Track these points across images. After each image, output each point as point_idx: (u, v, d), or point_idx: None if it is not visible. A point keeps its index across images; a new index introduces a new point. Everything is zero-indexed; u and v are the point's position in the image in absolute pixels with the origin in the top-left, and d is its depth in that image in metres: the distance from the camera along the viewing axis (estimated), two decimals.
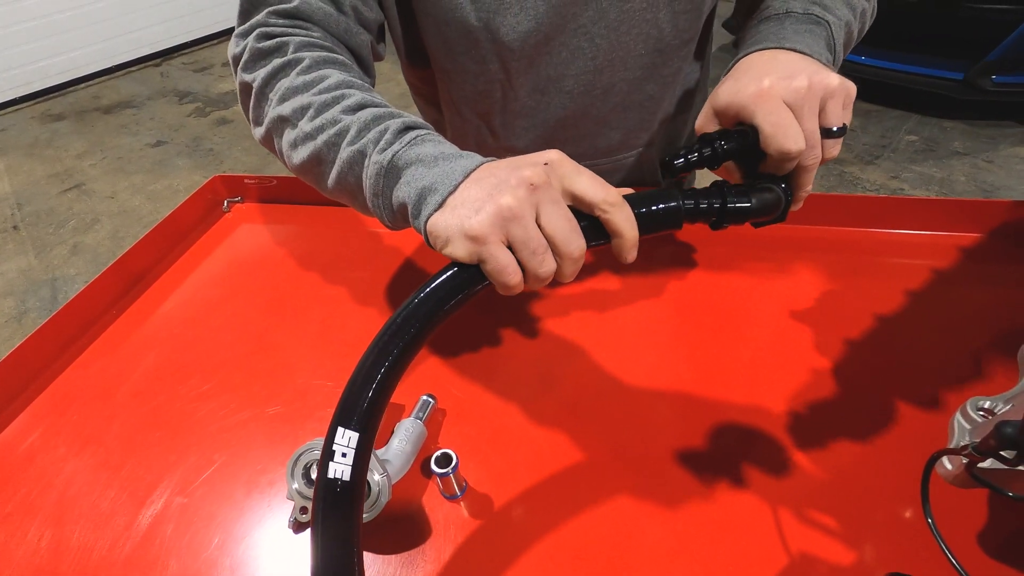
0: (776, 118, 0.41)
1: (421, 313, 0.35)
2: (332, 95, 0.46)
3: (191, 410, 0.56)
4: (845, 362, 0.52)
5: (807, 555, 0.40)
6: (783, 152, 0.41)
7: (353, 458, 0.32)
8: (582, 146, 0.70)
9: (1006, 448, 0.25)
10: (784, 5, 0.53)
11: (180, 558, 0.44)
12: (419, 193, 0.39)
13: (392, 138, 0.42)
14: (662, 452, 0.47)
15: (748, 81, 0.43)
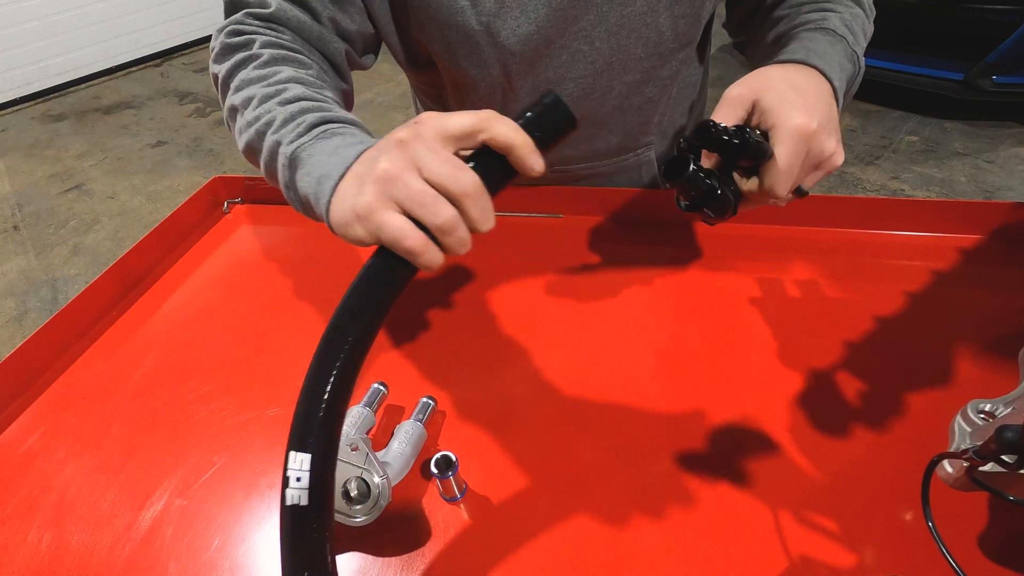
0: (794, 162, 0.42)
1: (353, 318, 0.34)
2: (276, 88, 0.48)
3: (191, 412, 0.56)
4: (845, 364, 0.52)
5: (807, 557, 0.40)
6: (771, 190, 0.43)
7: (309, 481, 0.31)
8: (581, 149, 0.70)
9: (1007, 452, 0.25)
10: (841, 24, 0.54)
11: (180, 560, 0.44)
12: (317, 182, 0.39)
13: (304, 131, 0.43)
14: (661, 453, 0.47)
15: (801, 104, 0.43)
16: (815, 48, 0.50)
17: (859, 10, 0.58)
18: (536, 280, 0.66)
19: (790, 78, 0.46)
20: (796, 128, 0.42)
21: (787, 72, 0.47)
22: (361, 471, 0.42)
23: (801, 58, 0.48)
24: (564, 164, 0.72)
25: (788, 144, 0.42)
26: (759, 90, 0.44)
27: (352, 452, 0.42)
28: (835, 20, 0.54)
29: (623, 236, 0.70)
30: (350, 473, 0.42)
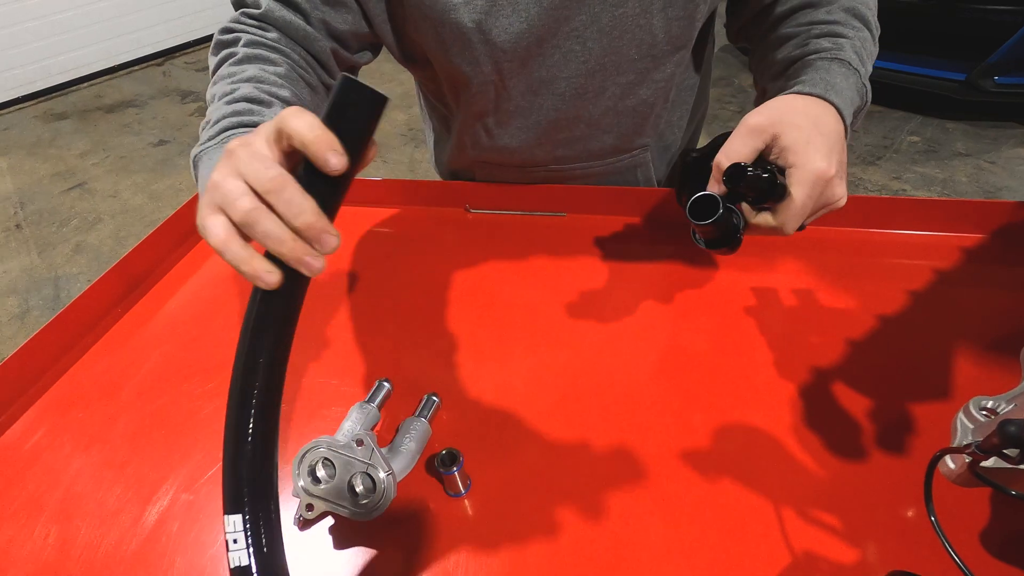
0: (809, 204, 0.43)
1: (248, 370, 0.34)
2: (232, 86, 0.51)
3: (196, 408, 0.56)
4: (846, 362, 0.53)
5: (810, 553, 0.40)
6: (782, 228, 0.44)
7: (246, 541, 0.31)
8: (576, 148, 0.70)
9: (1009, 447, 0.25)
10: (854, 55, 0.52)
11: (186, 554, 0.44)
12: (201, 189, 0.42)
13: (213, 135, 0.48)
14: (665, 450, 0.47)
15: (823, 147, 0.43)
16: (833, 82, 0.49)
17: (867, 33, 0.56)
18: (540, 278, 0.66)
19: (812, 114, 0.45)
20: (817, 173, 0.42)
21: (809, 107, 0.46)
22: (367, 466, 0.42)
23: (821, 92, 0.48)
24: (559, 164, 0.72)
25: (806, 187, 0.42)
26: (781, 124, 0.44)
27: (358, 447, 0.42)
28: (849, 50, 0.53)
29: (626, 234, 0.71)
30: (356, 468, 0.43)
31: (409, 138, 2.93)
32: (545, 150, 0.70)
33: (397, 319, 0.63)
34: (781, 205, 0.43)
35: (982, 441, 0.27)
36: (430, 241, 0.74)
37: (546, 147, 0.69)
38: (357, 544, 0.44)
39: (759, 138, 0.44)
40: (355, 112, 0.31)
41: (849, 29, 0.55)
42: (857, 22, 0.56)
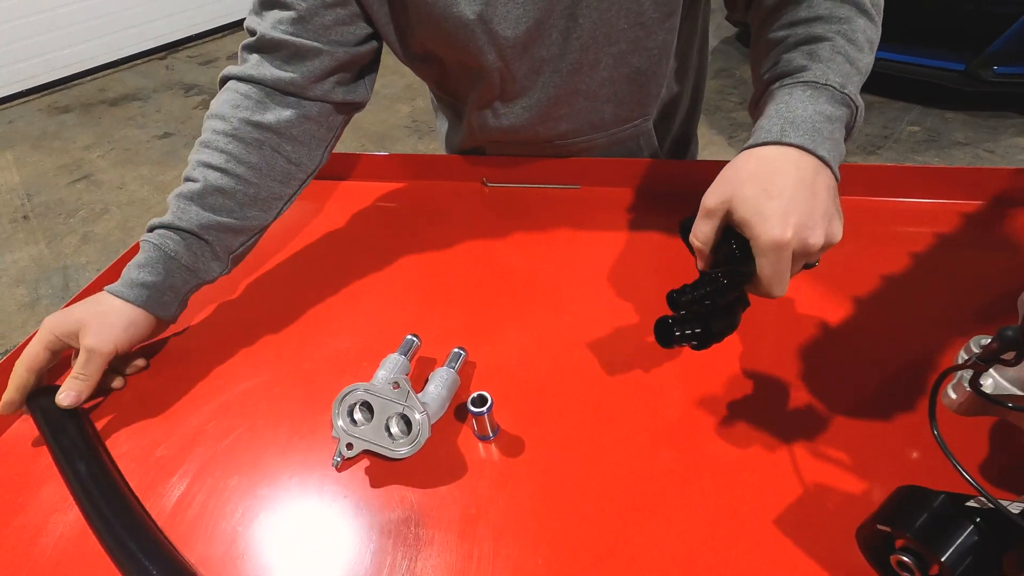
0: (778, 270, 0.41)
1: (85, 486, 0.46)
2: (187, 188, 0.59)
3: (230, 369, 0.58)
4: (853, 317, 0.55)
5: (821, 485, 0.43)
6: (766, 296, 0.42)
7: None
8: (577, 122, 0.72)
9: (1007, 350, 0.28)
10: (822, 73, 0.48)
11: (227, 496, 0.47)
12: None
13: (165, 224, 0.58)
14: (679, 393, 0.50)
15: (775, 212, 0.40)
16: (791, 115, 0.46)
17: (859, 19, 0.51)
18: (556, 247, 0.68)
19: (762, 175, 0.43)
20: (771, 242, 0.40)
21: (760, 166, 0.44)
22: (403, 407, 0.45)
23: (775, 138, 0.45)
24: (562, 139, 0.74)
25: (767, 258, 0.41)
26: (731, 200, 0.42)
27: (394, 390, 0.45)
28: (822, 62, 0.48)
29: (637, 204, 0.73)
30: (392, 410, 0.45)
31: (413, 130, 2.96)
32: (548, 126, 0.72)
33: (421, 285, 0.66)
34: (754, 280, 0.42)
35: (982, 351, 0.30)
36: (450, 213, 0.77)
37: (549, 123, 0.71)
38: (395, 483, 0.46)
39: (716, 218, 0.44)
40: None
41: (832, 24, 0.50)
42: (844, 8, 0.51)
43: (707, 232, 0.44)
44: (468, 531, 0.43)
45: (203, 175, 0.58)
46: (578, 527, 0.42)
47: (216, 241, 0.58)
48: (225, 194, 0.58)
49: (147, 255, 0.56)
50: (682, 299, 0.42)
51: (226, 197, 0.58)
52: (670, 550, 0.40)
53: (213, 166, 0.58)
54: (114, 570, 0.42)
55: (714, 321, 0.43)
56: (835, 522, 0.40)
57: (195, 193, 0.57)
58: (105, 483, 0.46)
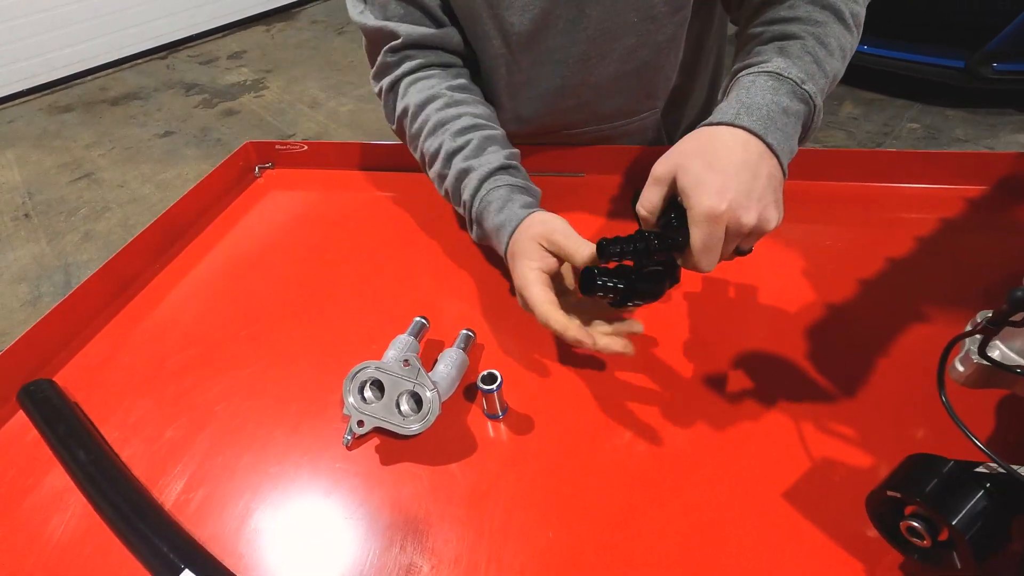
0: (710, 243, 0.42)
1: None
2: (456, 141, 0.60)
3: (239, 350, 0.59)
4: (861, 299, 0.56)
5: (828, 459, 0.43)
6: (694, 269, 0.44)
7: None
8: (584, 113, 0.72)
9: (1017, 311, 0.28)
10: (786, 66, 0.49)
11: (238, 475, 0.47)
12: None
13: (478, 184, 0.58)
14: (690, 374, 0.50)
15: (713, 184, 0.42)
16: (749, 101, 0.47)
17: (835, 25, 0.52)
18: None
19: (709, 151, 0.45)
20: (705, 212, 0.42)
21: (709, 142, 0.45)
22: (413, 384, 0.45)
23: (729, 119, 0.46)
24: (569, 129, 0.74)
25: (700, 228, 0.42)
26: (677, 168, 0.44)
27: (404, 367, 0.45)
28: (781, 59, 0.50)
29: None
30: (402, 387, 0.46)
31: None
32: (555, 117, 0.72)
33: (429, 270, 0.66)
34: (686, 251, 0.44)
35: (992, 314, 0.30)
36: None
37: (555, 114, 0.72)
38: (406, 460, 0.47)
39: (663, 186, 0.45)
40: None
41: (807, 26, 0.52)
42: (823, 14, 0.52)
43: (652, 200, 0.46)
44: (478, 506, 0.43)
45: (469, 137, 0.60)
46: (588, 501, 0.43)
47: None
48: (496, 140, 0.61)
49: (503, 192, 0.56)
50: (611, 248, 0.43)
51: (497, 142, 0.61)
52: (678, 524, 0.41)
53: (466, 128, 0.60)
54: (123, 549, 0.42)
55: (638, 282, 0.44)
56: (843, 493, 0.41)
57: (476, 148, 0.59)
58: (104, 467, 0.46)
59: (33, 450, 0.51)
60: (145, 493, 0.45)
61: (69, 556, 0.43)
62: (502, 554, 0.40)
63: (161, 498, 0.46)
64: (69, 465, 0.46)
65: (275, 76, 3.56)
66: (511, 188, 0.56)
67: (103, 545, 0.43)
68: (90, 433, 0.49)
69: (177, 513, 0.45)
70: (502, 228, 0.54)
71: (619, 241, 0.43)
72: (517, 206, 0.55)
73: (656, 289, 0.46)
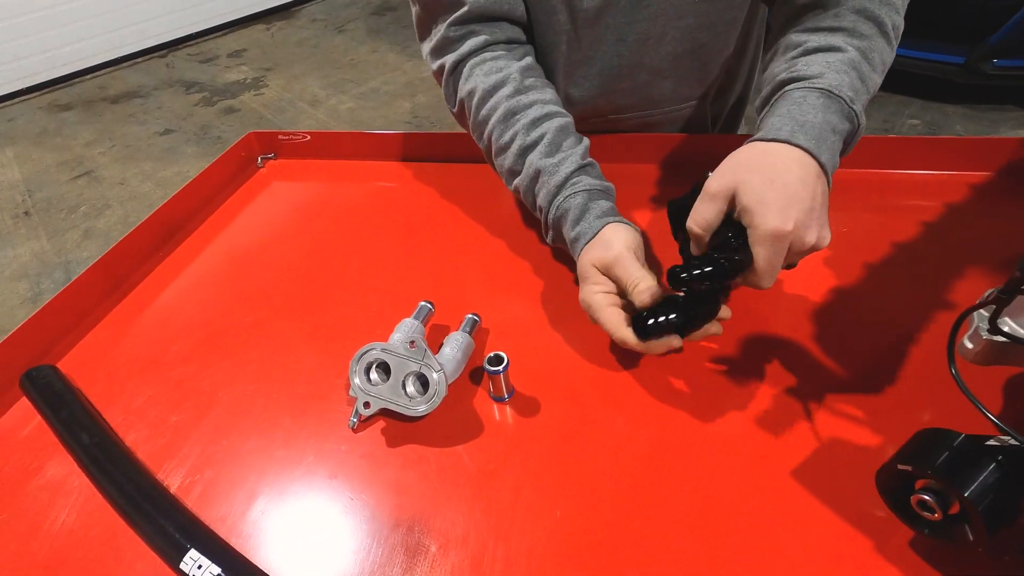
0: (774, 261, 0.42)
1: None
2: (528, 136, 0.58)
3: (244, 337, 0.58)
4: (866, 283, 0.55)
5: (836, 438, 0.43)
6: (755, 286, 0.44)
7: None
8: (636, 96, 0.71)
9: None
10: (837, 82, 0.48)
11: (243, 458, 0.47)
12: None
13: (560, 185, 0.56)
14: (698, 355, 0.50)
15: (777, 203, 0.41)
16: (803, 119, 0.46)
17: (878, 39, 0.51)
18: None
19: (769, 167, 0.44)
20: (772, 233, 0.41)
21: (767, 158, 0.45)
22: (420, 365, 0.45)
23: (786, 136, 0.45)
24: (617, 114, 0.73)
25: (765, 248, 0.42)
26: (737, 184, 0.43)
27: (410, 348, 0.45)
28: (837, 72, 0.49)
29: (651, 178, 0.73)
30: (408, 368, 0.45)
31: (414, 126, 2.96)
32: (607, 99, 0.71)
33: (435, 256, 0.66)
34: (749, 270, 0.43)
35: (1004, 285, 0.30)
36: (463, 188, 0.76)
37: (607, 96, 0.71)
38: (413, 442, 0.47)
39: (721, 202, 0.44)
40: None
41: (853, 39, 0.51)
42: (868, 25, 0.51)
43: (708, 217, 0.45)
44: (486, 486, 0.43)
45: (543, 131, 0.58)
46: (595, 481, 0.43)
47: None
48: (569, 131, 0.59)
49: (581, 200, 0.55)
50: (683, 276, 0.42)
51: (571, 133, 0.59)
52: (687, 504, 0.41)
53: (538, 119, 0.58)
54: (128, 531, 0.42)
55: (691, 307, 0.44)
56: (851, 471, 0.40)
57: (551, 144, 0.57)
58: (107, 450, 0.46)
59: (37, 436, 0.51)
60: (149, 476, 0.45)
61: (75, 539, 0.43)
62: (510, 534, 0.40)
63: (166, 482, 0.46)
64: (72, 449, 0.46)
65: (275, 74, 3.55)
66: (588, 194, 0.55)
67: (109, 528, 0.43)
68: (93, 417, 0.48)
69: (183, 496, 0.45)
70: (577, 241, 0.53)
71: (690, 267, 0.42)
72: (593, 216, 0.53)
73: (714, 309, 0.46)
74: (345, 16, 4.28)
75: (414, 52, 3.47)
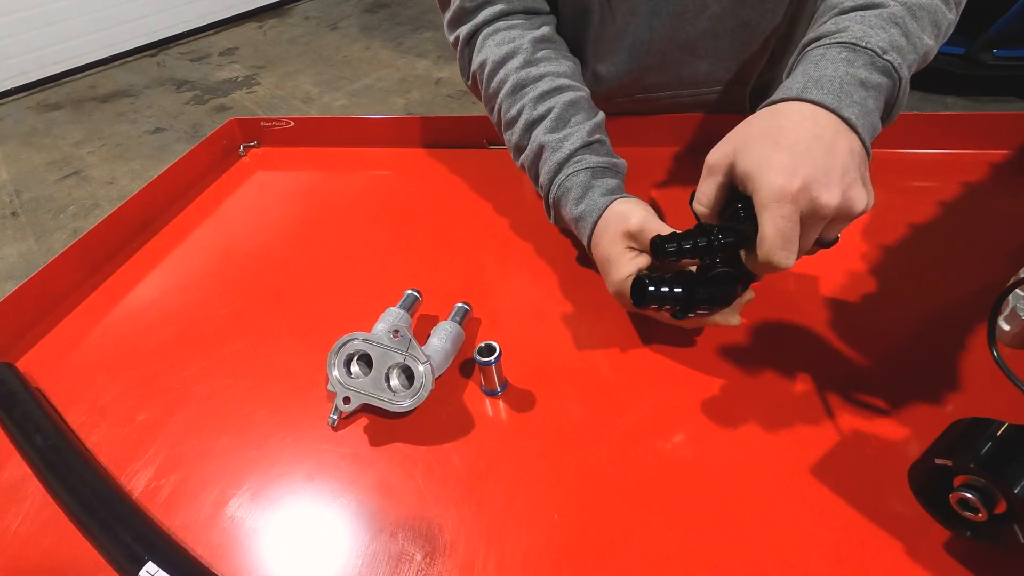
0: (784, 229, 0.35)
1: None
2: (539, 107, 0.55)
3: (220, 328, 0.55)
4: (884, 268, 0.52)
5: (859, 432, 0.39)
6: (767, 265, 0.37)
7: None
8: (667, 75, 0.67)
9: None
10: (864, 35, 0.42)
11: (214, 458, 0.43)
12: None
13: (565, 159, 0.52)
14: (704, 343, 0.47)
15: (781, 161, 0.36)
16: (818, 74, 0.41)
17: (934, 1, 0.45)
18: None
19: (775, 129, 0.38)
20: (775, 192, 0.35)
21: (772, 121, 0.39)
22: (404, 356, 0.41)
23: (796, 95, 0.40)
24: (646, 92, 0.69)
25: (769, 212, 0.35)
26: (734, 152, 0.38)
27: (394, 338, 0.42)
28: (859, 27, 0.43)
29: (649, 162, 0.70)
30: (392, 360, 0.42)
31: None
32: (634, 76, 0.67)
33: (423, 243, 0.62)
34: (757, 242, 0.36)
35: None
36: (452, 174, 0.73)
37: (637, 73, 0.66)
38: (397, 440, 0.43)
39: (719, 175, 0.39)
40: None
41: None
42: None
43: (708, 193, 0.40)
44: (476, 489, 0.39)
45: (551, 104, 0.54)
46: (595, 481, 0.39)
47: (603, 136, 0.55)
48: (579, 105, 0.55)
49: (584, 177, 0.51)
50: (666, 246, 0.38)
51: (581, 108, 0.55)
52: (695, 504, 0.37)
53: (547, 93, 0.54)
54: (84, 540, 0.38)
55: (700, 286, 0.39)
56: (878, 466, 0.37)
57: (558, 118, 0.53)
58: (63, 453, 0.42)
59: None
60: (109, 480, 0.41)
61: (27, 548, 0.39)
62: (503, 539, 0.36)
63: (129, 485, 0.42)
64: (25, 451, 0.42)
65: (267, 72, 3.51)
66: (592, 172, 0.50)
67: (64, 536, 0.39)
68: (50, 418, 0.45)
69: (146, 501, 0.41)
70: (582, 220, 0.49)
71: (676, 238, 0.38)
72: (598, 194, 0.49)
73: (727, 294, 0.40)
74: (338, 13, 4.24)
75: (408, 49, 3.43)
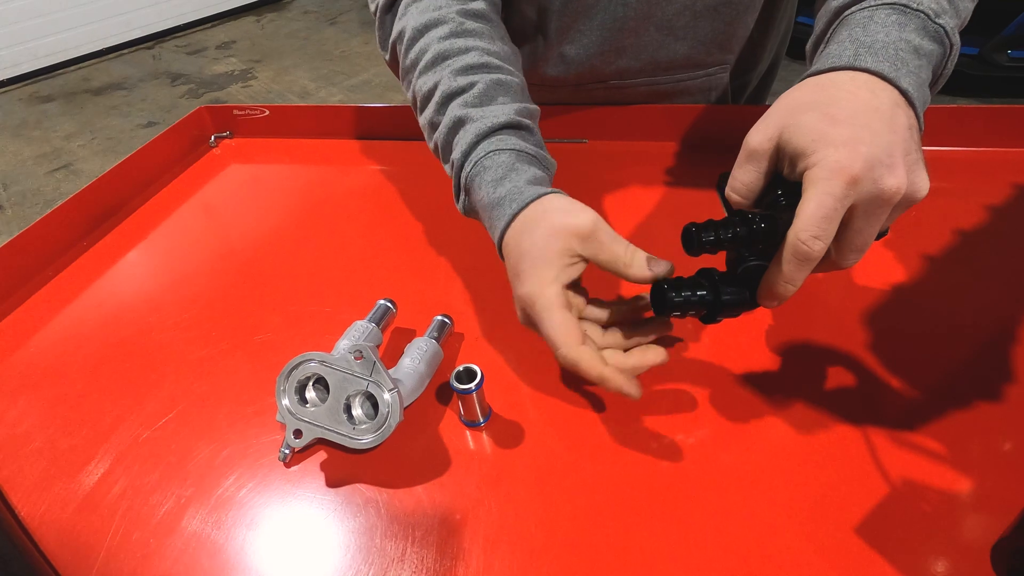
0: (827, 206, 0.30)
1: None
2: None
3: (166, 340, 0.48)
4: (926, 279, 0.45)
5: (910, 481, 0.33)
6: (795, 252, 0.30)
7: None
8: (641, 59, 0.61)
9: None
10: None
11: (146, 496, 0.37)
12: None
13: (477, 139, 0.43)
14: (719, 368, 0.40)
15: (837, 136, 0.30)
16: (869, 40, 0.36)
17: None
18: None
19: (827, 102, 0.33)
20: (833, 169, 0.29)
21: (823, 93, 0.34)
22: (367, 383, 0.35)
23: (847, 63, 0.35)
24: (620, 78, 0.63)
25: (818, 187, 0.30)
26: (783, 132, 0.32)
27: (356, 361, 0.35)
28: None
29: (652, 159, 0.63)
30: (354, 387, 0.35)
31: None
32: (607, 60, 0.61)
33: (401, 248, 0.56)
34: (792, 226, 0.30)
35: None
36: (437, 173, 0.66)
37: (608, 56, 0.60)
38: (354, 481, 0.36)
39: (762, 159, 0.34)
40: None
41: None
42: None
43: (748, 180, 0.34)
44: (451, 542, 0.33)
45: (475, 79, 0.45)
46: (590, 528, 0.32)
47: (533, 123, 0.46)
48: (509, 87, 0.46)
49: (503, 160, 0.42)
50: (703, 236, 0.32)
51: (511, 90, 0.46)
52: (708, 553, 0.30)
53: (473, 67, 0.46)
54: None
55: (726, 287, 0.33)
56: (935, 529, 0.30)
57: (481, 94, 0.45)
58: None
59: None
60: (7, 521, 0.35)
61: None
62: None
63: (38, 532, 0.36)
64: None
65: (264, 66, 3.44)
66: (517, 155, 0.42)
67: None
68: None
69: (53, 550, 0.34)
70: (499, 206, 0.39)
71: (713, 226, 0.32)
72: (523, 180, 0.40)
73: (754, 294, 0.34)
74: (338, 8, 4.17)
75: None
